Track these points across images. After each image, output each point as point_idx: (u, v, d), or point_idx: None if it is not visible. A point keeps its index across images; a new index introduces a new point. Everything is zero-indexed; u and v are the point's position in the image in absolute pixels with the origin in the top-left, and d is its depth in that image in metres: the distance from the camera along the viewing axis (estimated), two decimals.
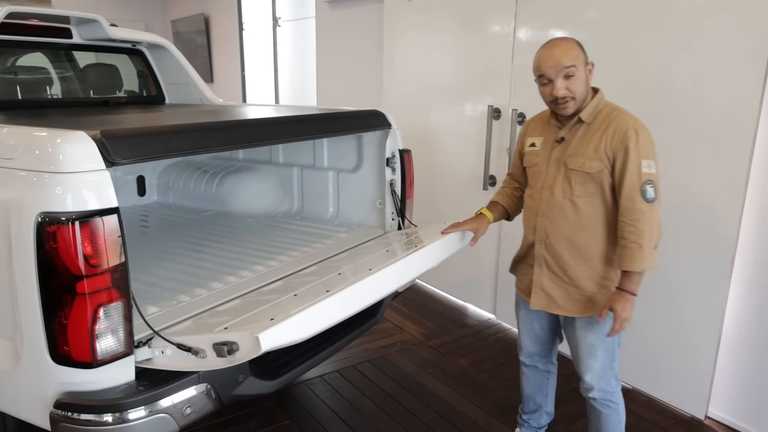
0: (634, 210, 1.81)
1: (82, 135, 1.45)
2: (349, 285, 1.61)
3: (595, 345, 2.00)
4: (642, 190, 1.80)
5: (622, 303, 1.86)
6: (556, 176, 1.95)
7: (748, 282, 2.51)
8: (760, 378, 2.53)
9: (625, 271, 1.86)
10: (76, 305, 1.42)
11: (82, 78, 3.17)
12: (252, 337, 1.34)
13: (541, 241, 2.01)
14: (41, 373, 1.51)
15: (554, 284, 2.02)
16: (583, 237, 1.93)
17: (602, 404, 2.07)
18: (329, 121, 2.29)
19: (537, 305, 2.07)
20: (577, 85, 1.84)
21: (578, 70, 1.84)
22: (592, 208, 1.90)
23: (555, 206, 1.95)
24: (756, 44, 2.28)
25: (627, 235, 1.83)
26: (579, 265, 1.96)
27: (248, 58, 7.21)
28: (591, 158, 1.86)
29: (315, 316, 1.48)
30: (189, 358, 1.47)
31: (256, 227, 2.92)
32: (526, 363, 2.33)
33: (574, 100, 1.87)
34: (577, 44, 1.87)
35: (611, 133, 1.84)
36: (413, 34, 4.04)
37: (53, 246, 1.38)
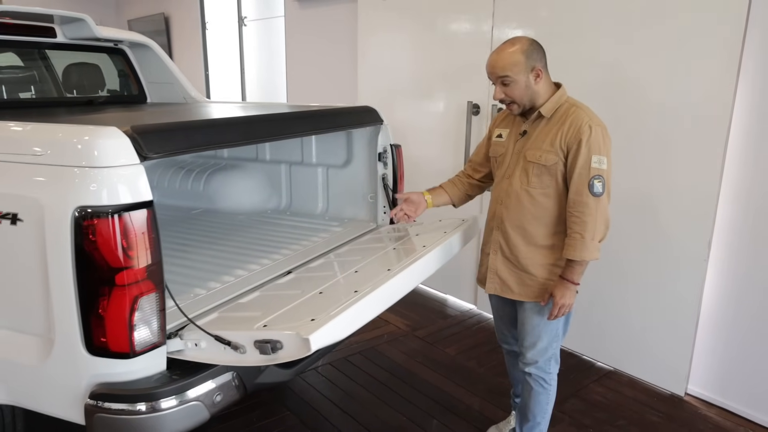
0: (580, 202, 1.89)
1: (115, 131, 1.48)
2: (379, 285, 1.70)
3: (539, 326, 2.09)
4: (590, 184, 1.87)
5: (562, 290, 1.96)
6: (516, 167, 2.04)
7: (725, 264, 2.71)
8: (736, 355, 2.73)
9: (568, 260, 1.95)
10: (115, 297, 1.45)
11: (65, 77, 3.12)
12: (301, 338, 1.40)
13: (498, 228, 2.12)
14: (75, 366, 1.53)
15: (508, 270, 2.11)
16: (535, 225, 2.02)
17: (536, 381, 2.16)
18: (331, 117, 2.36)
19: (492, 290, 2.17)
20: (514, 91, 1.94)
21: (514, 78, 1.91)
22: (545, 198, 1.99)
23: (512, 195, 2.05)
24: (729, 36, 2.47)
25: (571, 225, 1.92)
26: (531, 252, 2.05)
27: (212, 58, 7.15)
28: (547, 151, 1.95)
29: (353, 316, 1.56)
30: (226, 352, 1.52)
31: (249, 223, 2.96)
32: (505, 348, 2.43)
33: (515, 103, 1.97)
34: (519, 50, 1.91)
35: (567, 127, 1.92)
36: (389, 32, 4.14)
37: (92, 239, 1.41)
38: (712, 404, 2.84)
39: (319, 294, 1.74)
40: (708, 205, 2.64)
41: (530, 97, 1.96)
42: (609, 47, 2.88)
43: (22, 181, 1.53)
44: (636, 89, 2.81)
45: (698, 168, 2.64)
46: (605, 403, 2.85)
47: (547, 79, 1.99)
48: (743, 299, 2.67)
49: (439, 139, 3.90)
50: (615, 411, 2.79)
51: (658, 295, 2.88)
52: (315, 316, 1.50)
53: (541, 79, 1.95)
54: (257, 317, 1.60)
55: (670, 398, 2.89)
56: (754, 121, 2.52)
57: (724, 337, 2.77)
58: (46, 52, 3.02)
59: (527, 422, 2.24)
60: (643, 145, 2.81)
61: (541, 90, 1.96)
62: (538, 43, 1.96)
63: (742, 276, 2.66)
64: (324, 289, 1.77)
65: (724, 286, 2.73)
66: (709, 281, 2.75)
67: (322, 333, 1.42)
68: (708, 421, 2.73)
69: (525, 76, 1.92)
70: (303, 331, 1.41)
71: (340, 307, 1.55)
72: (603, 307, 3.11)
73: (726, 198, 2.64)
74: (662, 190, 2.78)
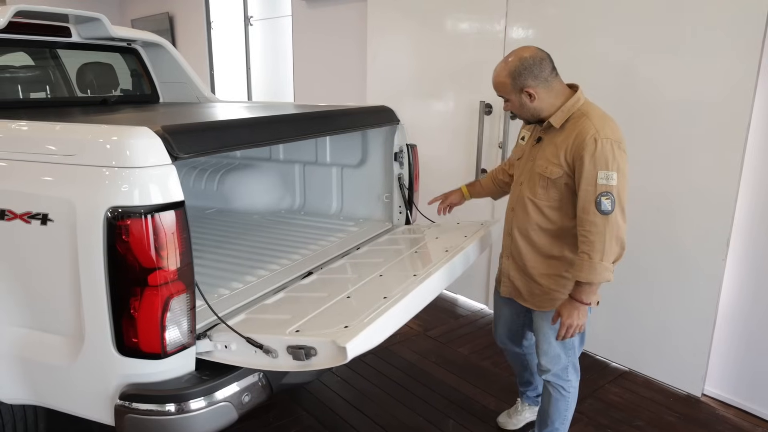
0: (587, 221, 1.78)
1: (147, 131, 1.47)
2: (408, 292, 1.70)
3: (549, 334, 2.05)
4: (596, 201, 1.75)
5: (569, 310, 1.86)
6: (527, 174, 2.00)
7: (743, 263, 2.70)
8: (754, 355, 2.73)
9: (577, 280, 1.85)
10: (147, 297, 1.44)
11: (79, 77, 3.12)
12: (337, 345, 1.39)
13: (508, 233, 2.09)
14: (105, 367, 1.53)
15: (519, 275, 2.08)
16: (541, 236, 1.96)
17: (554, 388, 2.14)
18: (351, 116, 2.35)
19: (506, 292, 2.17)
20: (511, 107, 1.94)
21: (509, 96, 1.90)
22: (552, 211, 1.92)
23: (520, 202, 2.01)
24: (749, 34, 2.47)
25: (579, 244, 1.82)
26: (536, 261, 1.99)
27: (217, 57, 7.14)
28: (552, 163, 1.86)
29: (386, 323, 1.56)
30: (258, 356, 1.51)
31: (264, 223, 2.95)
32: (500, 346, 2.45)
33: (521, 115, 1.96)
34: (507, 73, 1.86)
35: (572, 140, 1.81)
36: (399, 31, 4.14)
37: (125, 240, 1.41)
38: (729, 405, 2.83)
39: (347, 299, 1.74)
40: (726, 204, 2.63)
41: (529, 113, 1.90)
42: (624, 46, 2.87)
43: (52, 181, 1.53)
44: (653, 88, 2.80)
45: (717, 167, 2.63)
46: (622, 404, 2.85)
47: (553, 89, 1.88)
48: (761, 298, 2.66)
49: (450, 138, 3.89)
50: (632, 411, 2.79)
51: (675, 294, 2.88)
52: (348, 323, 1.50)
53: (537, 98, 1.86)
54: (287, 320, 1.60)
55: (687, 399, 2.89)
56: None
57: (741, 337, 2.76)
58: (59, 52, 3.01)
59: (546, 427, 2.23)
60: (660, 144, 2.81)
61: (544, 104, 1.88)
62: (536, 58, 1.86)
63: (760, 275, 2.66)
64: (351, 294, 1.77)
65: (742, 285, 2.72)
66: (727, 280, 2.74)
67: (358, 341, 1.42)
68: (726, 422, 2.72)
69: (516, 96, 1.88)
70: (339, 339, 1.40)
71: (373, 314, 1.54)
72: (618, 306, 3.10)
73: (744, 197, 2.63)
74: (680, 189, 2.77)
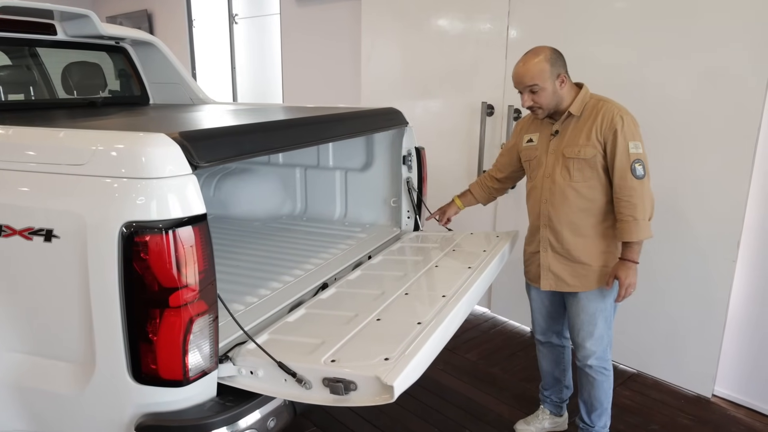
0: (626, 187, 2.02)
1: (164, 137, 1.35)
2: (443, 318, 1.62)
3: (596, 314, 2.20)
4: (632, 168, 2.01)
5: (625, 270, 2.07)
6: (555, 165, 2.15)
7: (753, 265, 2.68)
8: (764, 355, 2.70)
9: (625, 242, 2.07)
10: (167, 319, 1.32)
11: (65, 77, 2.94)
12: (382, 383, 1.29)
13: (546, 225, 2.21)
14: (118, 395, 1.40)
15: (560, 264, 2.20)
16: (583, 217, 2.13)
17: (597, 371, 2.26)
18: (363, 119, 2.25)
19: (547, 286, 2.25)
20: (541, 98, 2.07)
21: (542, 86, 2.04)
22: (590, 190, 2.10)
23: (556, 192, 2.15)
24: (760, 37, 2.44)
25: (622, 209, 2.04)
26: (580, 243, 2.15)
27: (200, 57, 6.95)
28: (584, 146, 2.07)
29: (426, 355, 1.46)
30: (288, 385, 1.40)
31: (266, 230, 2.83)
32: (542, 340, 2.48)
33: (542, 109, 2.10)
34: (544, 59, 2.04)
35: (599, 120, 2.05)
36: (396, 31, 4.04)
37: (143, 257, 1.28)
38: (740, 405, 2.81)
39: (377, 321, 1.64)
40: (737, 206, 2.60)
41: (556, 101, 2.09)
42: (632, 48, 2.82)
43: (57, 194, 1.39)
44: (662, 89, 2.76)
45: (727, 169, 2.60)
46: (635, 407, 2.80)
47: (569, 82, 2.11)
48: None
49: (451, 140, 3.81)
50: (646, 415, 2.74)
51: (685, 296, 2.84)
52: (387, 354, 1.40)
53: (566, 84, 2.09)
54: (318, 345, 1.48)
55: (697, 400, 2.86)
56: None
57: (751, 338, 2.74)
58: (43, 51, 2.84)
59: (595, 410, 2.33)
60: (670, 145, 2.76)
61: (565, 93, 2.10)
62: (558, 51, 2.09)
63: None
64: (381, 316, 1.68)
65: (753, 286, 2.70)
66: (737, 282, 2.71)
67: (404, 378, 1.32)
68: (739, 422, 2.69)
69: (552, 83, 2.05)
70: (385, 375, 1.29)
71: (413, 344, 1.45)
72: (627, 308, 3.04)
73: (755, 199, 2.61)
74: (690, 191, 2.73)
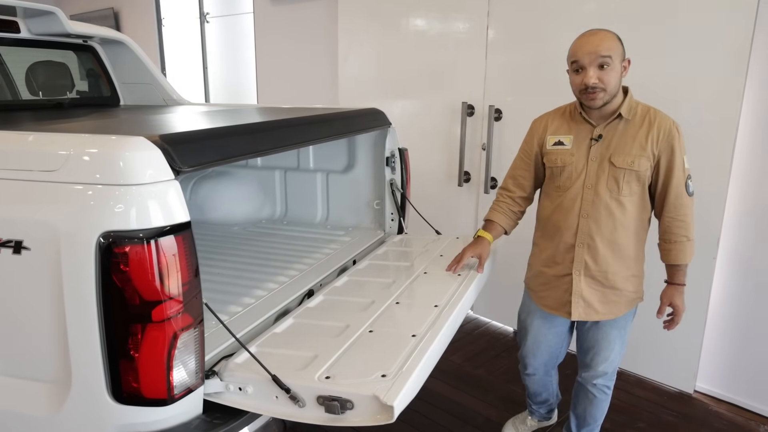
0: (682, 205, 1.88)
1: (143, 141, 1.27)
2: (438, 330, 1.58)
3: (615, 339, 2.05)
4: (686, 185, 1.88)
5: (681, 296, 1.94)
6: (600, 175, 1.90)
7: (733, 262, 2.70)
8: (744, 351, 2.74)
9: (675, 265, 1.93)
10: (150, 335, 1.24)
11: (29, 78, 2.80)
12: (381, 402, 1.23)
13: (584, 244, 1.94)
14: (97, 416, 1.31)
15: (592, 289, 1.97)
16: (626, 236, 1.93)
17: (600, 390, 2.14)
18: (348, 120, 2.18)
19: (577, 315, 2.00)
20: (610, 77, 1.79)
21: (613, 62, 1.79)
22: (632, 206, 1.91)
23: (600, 206, 1.90)
24: (738, 35, 2.45)
25: (676, 230, 1.90)
26: (619, 266, 1.95)
27: (169, 57, 6.77)
28: (639, 156, 1.85)
29: (423, 370, 1.41)
30: (280, 402, 1.32)
31: (246, 235, 2.74)
32: (530, 373, 2.27)
33: (605, 91, 1.81)
34: (616, 37, 1.83)
35: (656, 131, 1.86)
36: (373, 31, 3.98)
37: (123, 269, 1.20)
38: (721, 400, 2.84)
39: (370, 332, 1.58)
40: (717, 204, 2.62)
41: (617, 87, 1.85)
42: None
43: (27, 202, 1.30)
44: (640, 88, 2.74)
45: (707, 166, 2.61)
46: (621, 405, 2.80)
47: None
48: (750, 296, 2.67)
49: (431, 141, 3.77)
50: (632, 413, 2.74)
51: None
52: (384, 370, 1.34)
53: (627, 72, 1.87)
54: (311, 360, 1.41)
55: (680, 396, 2.87)
56: (763, 121, 2.51)
57: (731, 334, 2.77)
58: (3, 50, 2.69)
59: (587, 426, 2.23)
60: None
61: (620, 88, 1.88)
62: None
63: (750, 273, 2.66)
64: (373, 327, 1.62)
65: (733, 283, 2.73)
66: (717, 279, 2.74)
67: (403, 396, 1.26)
68: (721, 417, 2.72)
69: (619, 64, 1.83)
70: (383, 394, 1.24)
71: (410, 360, 1.39)
72: None
73: (734, 197, 2.63)
74: None
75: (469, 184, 3.57)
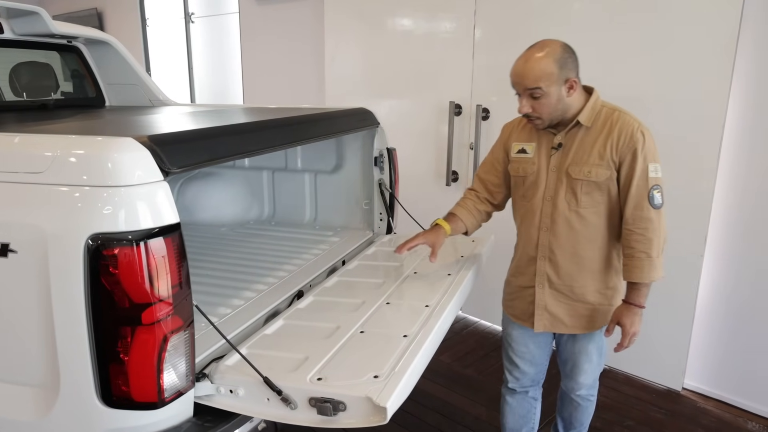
0: (642, 218, 1.71)
1: (132, 142, 1.25)
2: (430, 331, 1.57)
3: (592, 351, 1.98)
4: (650, 196, 1.70)
5: (631, 317, 1.77)
6: (558, 186, 1.79)
7: (720, 259, 2.73)
8: (732, 348, 2.77)
9: (633, 283, 1.77)
10: (140, 338, 1.23)
11: (12, 79, 2.77)
12: (373, 403, 1.22)
13: (545, 257, 1.86)
14: (86, 420, 1.30)
15: (558, 302, 1.89)
16: (590, 249, 1.81)
17: (584, 398, 2.11)
18: (334, 119, 2.18)
19: (541, 327, 1.93)
20: (544, 106, 1.69)
21: (546, 90, 1.66)
22: (596, 217, 1.78)
23: (559, 219, 1.80)
24: (724, 34, 2.47)
25: (635, 244, 1.73)
26: (585, 278, 1.84)
27: (154, 57, 6.72)
28: (596, 165, 1.72)
29: (414, 371, 1.40)
30: (272, 404, 1.31)
31: (234, 236, 2.73)
32: (516, 390, 2.14)
33: (541, 119, 1.73)
34: (551, 59, 1.66)
35: (617, 136, 1.71)
36: (360, 30, 3.97)
37: (113, 272, 1.19)
38: (709, 397, 2.87)
39: (361, 333, 1.58)
40: (703, 202, 2.65)
41: (561, 110, 1.72)
42: (598, 46, 2.84)
43: (13, 204, 1.28)
44: (627, 88, 2.78)
45: (693, 165, 2.64)
46: (609, 403, 2.82)
47: (579, 87, 1.76)
48: (737, 293, 2.71)
49: (418, 140, 3.77)
50: (620, 411, 2.77)
51: (654, 291, 2.80)
52: (376, 371, 1.34)
53: (575, 90, 1.71)
54: (302, 361, 1.41)
55: (668, 393, 2.90)
56: (749, 120, 2.55)
57: (719, 332, 2.80)
58: None
59: (573, 428, 2.19)
60: None
61: (574, 100, 1.73)
62: (570, 47, 1.72)
63: (736, 271, 2.70)
64: (364, 328, 1.62)
65: (720, 281, 2.76)
66: (705, 276, 2.77)
67: (396, 397, 1.26)
68: (709, 414, 2.75)
69: (558, 89, 1.67)
70: (376, 395, 1.23)
71: (402, 360, 1.39)
72: None
73: (721, 195, 2.66)
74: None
75: (457, 183, 3.58)
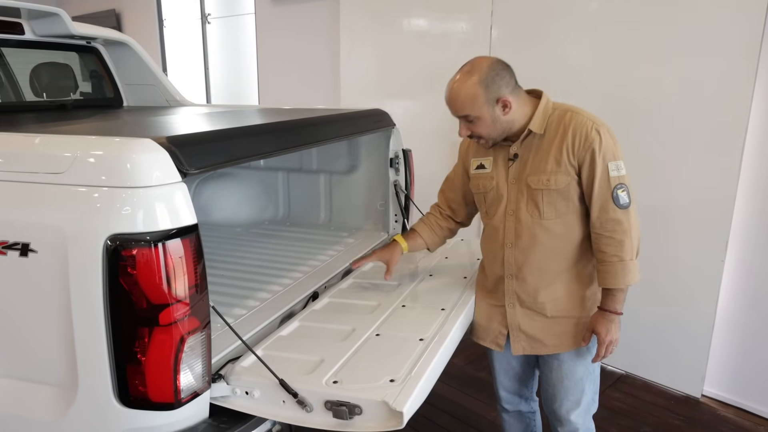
0: (608, 219, 1.61)
1: (151, 143, 1.26)
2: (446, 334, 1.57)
3: (583, 378, 1.80)
4: (614, 196, 1.60)
5: (606, 325, 1.67)
6: (519, 199, 1.71)
7: (741, 264, 2.69)
8: (753, 355, 2.72)
9: (607, 289, 1.67)
10: (158, 338, 1.23)
11: (33, 79, 2.80)
12: (390, 408, 1.22)
13: (512, 276, 1.75)
14: (104, 420, 1.30)
15: (533, 321, 1.77)
16: (558, 261, 1.71)
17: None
18: (351, 120, 2.18)
19: (520, 350, 1.80)
20: (481, 129, 1.65)
21: (477, 114, 1.62)
22: (562, 227, 1.68)
23: (523, 234, 1.71)
24: (746, 34, 2.44)
25: (605, 248, 1.63)
26: (556, 293, 1.73)
27: (171, 58, 6.77)
28: (554, 172, 1.64)
29: (432, 375, 1.40)
30: (287, 407, 1.31)
31: (249, 236, 2.74)
32: (508, 409, 2.08)
33: (484, 138, 1.69)
34: (477, 81, 1.59)
35: (571, 138, 1.62)
36: (376, 30, 3.97)
37: (131, 272, 1.19)
38: (729, 405, 2.83)
39: (377, 336, 1.57)
40: (725, 205, 2.61)
41: (501, 128, 1.66)
42: (618, 47, 2.81)
43: (34, 205, 1.29)
44: (649, 89, 2.75)
45: (715, 167, 2.60)
46: (626, 409, 2.79)
47: (521, 96, 1.68)
48: (759, 299, 2.66)
49: (435, 141, 3.75)
50: (637, 417, 2.73)
51: (674, 296, 2.84)
52: (392, 375, 1.33)
53: (511, 107, 1.63)
54: (318, 364, 1.40)
55: (687, 400, 2.86)
56: None
57: (739, 338, 2.75)
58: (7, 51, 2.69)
59: None
60: (657, 145, 2.76)
61: (516, 115, 1.66)
62: (501, 63, 1.65)
63: (758, 276, 2.65)
64: (380, 331, 1.61)
65: (741, 286, 2.71)
66: (725, 282, 2.72)
67: (413, 402, 1.25)
68: (728, 422, 2.70)
69: (489, 111, 1.62)
70: (393, 400, 1.23)
71: (418, 364, 1.38)
72: None
73: (743, 199, 2.62)
74: (679, 190, 2.73)
75: None
